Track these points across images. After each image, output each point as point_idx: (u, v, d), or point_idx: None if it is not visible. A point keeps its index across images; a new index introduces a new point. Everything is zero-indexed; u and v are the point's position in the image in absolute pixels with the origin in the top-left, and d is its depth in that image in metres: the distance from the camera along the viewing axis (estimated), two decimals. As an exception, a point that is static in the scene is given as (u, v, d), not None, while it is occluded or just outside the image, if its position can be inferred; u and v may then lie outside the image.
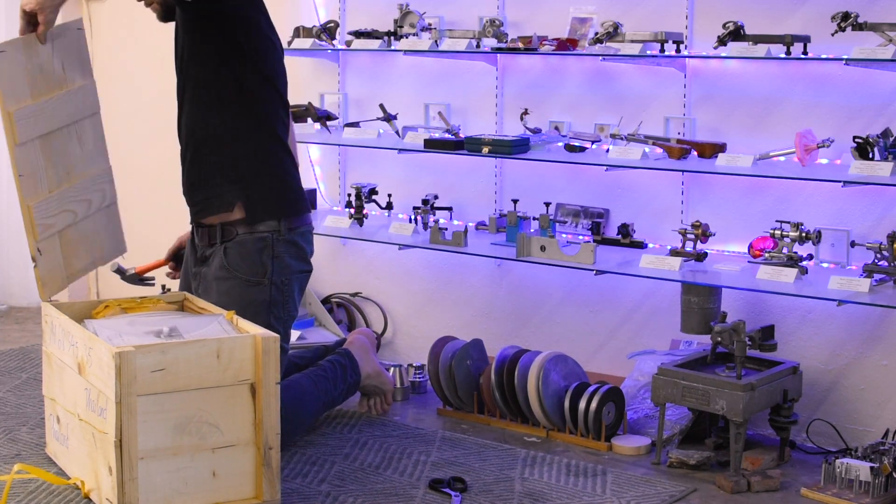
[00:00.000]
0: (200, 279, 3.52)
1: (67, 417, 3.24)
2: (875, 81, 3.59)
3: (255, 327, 3.14)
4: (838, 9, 3.48)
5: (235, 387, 3.01)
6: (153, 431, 2.92)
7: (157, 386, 2.91)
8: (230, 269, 3.44)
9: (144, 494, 2.92)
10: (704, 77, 3.93)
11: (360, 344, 3.95)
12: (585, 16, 4.06)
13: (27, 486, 3.22)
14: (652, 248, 4.00)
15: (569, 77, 4.23)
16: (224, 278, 3.44)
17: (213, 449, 3.00)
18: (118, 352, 2.85)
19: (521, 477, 3.41)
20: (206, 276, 3.49)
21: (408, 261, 4.60)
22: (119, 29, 5.60)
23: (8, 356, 4.64)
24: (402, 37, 4.36)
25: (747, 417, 3.40)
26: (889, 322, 3.62)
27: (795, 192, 3.76)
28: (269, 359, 3.02)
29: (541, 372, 3.74)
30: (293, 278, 3.49)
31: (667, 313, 4.01)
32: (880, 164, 3.39)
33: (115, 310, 3.37)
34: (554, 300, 4.31)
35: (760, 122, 3.82)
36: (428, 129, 4.40)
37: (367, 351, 3.95)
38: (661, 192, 4.04)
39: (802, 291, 3.50)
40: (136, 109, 5.59)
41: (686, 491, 3.33)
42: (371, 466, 3.47)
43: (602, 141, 4.03)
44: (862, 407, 3.69)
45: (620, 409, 3.75)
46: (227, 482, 3.03)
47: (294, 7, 4.89)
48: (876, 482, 3.20)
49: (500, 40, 4.13)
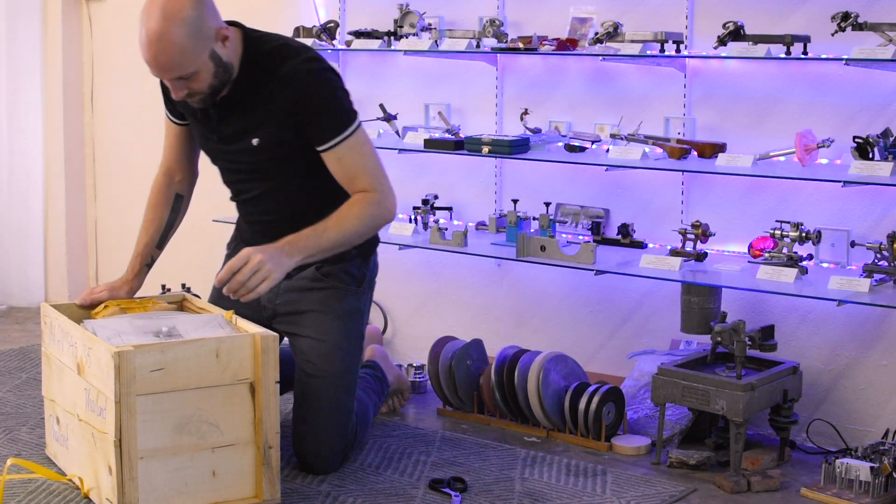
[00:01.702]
0: (278, 291, 3.39)
1: (67, 418, 3.24)
2: (875, 81, 3.59)
3: (254, 327, 3.14)
4: (838, 9, 3.48)
5: (235, 386, 3.01)
6: (153, 431, 2.92)
7: (156, 386, 2.91)
8: (327, 279, 3.39)
9: (144, 494, 2.92)
10: (704, 77, 3.93)
11: (380, 354, 4.02)
12: (585, 16, 4.06)
13: (27, 485, 3.22)
14: (652, 248, 4.00)
15: (569, 77, 4.23)
16: (320, 288, 3.38)
17: (212, 448, 3.00)
18: (117, 352, 2.85)
19: (521, 477, 3.41)
20: (291, 287, 3.39)
21: (408, 261, 4.60)
22: (119, 29, 5.60)
23: (8, 356, 4.64)
24: (402, 37, 4.36)
25: (747, 417, 3.39)
26: (889, 322, 3.62)
27: (795, 192, 3.76)
28: (269, 358, 3.02)
29: (541, 372, 3.74)
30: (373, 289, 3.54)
31: (667, 313, 4.01)
32: (880, 164, 3.39)
33: (115, 310, 3.37)
34: (554, 300, 4.31)
35: (760, 122, 3.82)
36: (428, 129, 4.39)
37: (386, 357, 4.02)
38: (661, 192, 4.04)
39: (802, 291, 3.50)
40: (137, 110, 5.59)
41: (686, 491, 3.33)
42: (371, 466, 3.47)
43: (602, 141, 4.03)
44: (862, 407, 3.69)
45: (620, 409, 3.74)
46: (227, 482, 3.03)
47: (294, 7, 4.89)
48: (876, 482, 3.20)
49: (500, 40, 4.13)
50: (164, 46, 3.00)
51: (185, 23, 3.00)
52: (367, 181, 3.20)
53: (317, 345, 3.36)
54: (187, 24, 3.01)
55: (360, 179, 3.20)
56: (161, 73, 3.10)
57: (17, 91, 5.61)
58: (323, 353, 3.36)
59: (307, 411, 3.36)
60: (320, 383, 3.35)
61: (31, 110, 5.64)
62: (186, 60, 3.05)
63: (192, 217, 5.41)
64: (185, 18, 3.01)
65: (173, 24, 2.99)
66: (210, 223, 4.77)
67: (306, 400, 3.37)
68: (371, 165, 3.22)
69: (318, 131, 3.19)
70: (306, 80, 3.17)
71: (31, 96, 5.63)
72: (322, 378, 3.35)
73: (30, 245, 5.72)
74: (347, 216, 3.18)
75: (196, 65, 3.07)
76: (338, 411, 3.37)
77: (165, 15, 2.99)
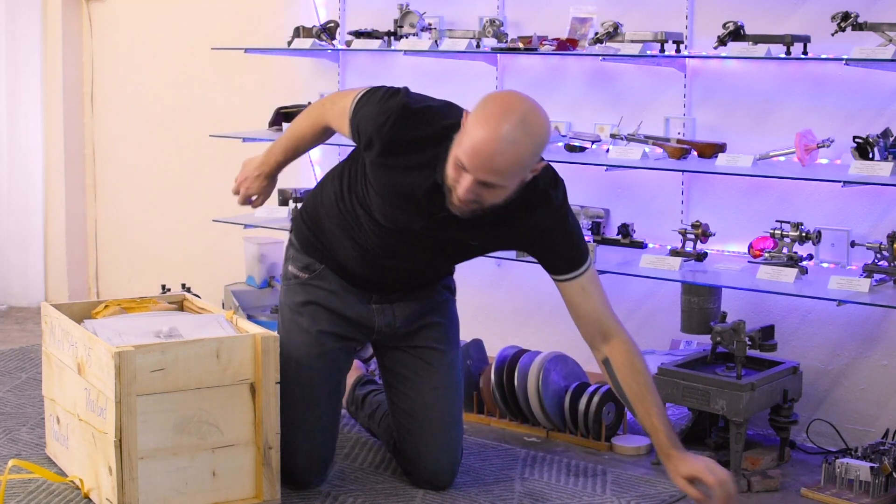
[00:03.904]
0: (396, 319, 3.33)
1: (67, 418, 3.24)
2: (875, 81, 3.59)
3: (255, 327, 3.14)
4: (838, 9, 3.48)
5: (235, 386, 3.01)
6: (153, 431, 2.92)
7: (156, 386, 2.91)
8: (451, 291, 3.42)
9: (144, 494, 2.92)
10: (704, 77, 3.93)
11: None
12: (585, 16, 4.06)
13: (27, 485, 3.22)
14: (652, 248, 4.00)
15: (569, 77, 4.23)
16: (450, 300, 3.39)
17: (213, 449, 3.00)
18: (118, 352, 2.85)
19: (521, 477, 3.41)
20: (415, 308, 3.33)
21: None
22: (119, 29, 5.60)
23: (8, 356, 4.64)
24: (402, 37, 4.36)
25: (747, 417, 3.40)
26: (889, 322, 3.62)
27: (795, 192, 3.76)
28: (269, 358, 3.02)
29: (541, 372, 3.74)
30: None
31: (667, 313, 4.01)
32: (880, 164, 3.39)
33: (115, 310, 3.37)
34: (554, 300, 4.28)
35: (760, 122, 3.82)
36: (428, 129, 4.39)
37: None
38: (661, 192, 4.04)
39: (802, 291, 3.50)
40: (137, 110, 5.59)
41: (686, 491, 3.33)
42: (371, 466, 3.47)
43: (602, 141, 4.03)
44: (862, 407, 3.69)
45: (620, 409, 3.74)
46: (227, 482, 3.03)
47: (294, 7, 4.89)
48: (876, 482, 3.20)
49: (500, 40, 4.13)
50: (509, 155, 2.74)
51: (536, 144, 2.80)
52: (616, 323, 3.10)
53: (440, 354, 3.32)
54: (537, 146, 2.81)
55: (608, 318, 3.09)
56: (481, 172, 2.77)
57: (17, 91, 5.61)
58: (450, 355, 3.33)
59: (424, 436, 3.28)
60: (449, 394, 3.30)
61: (31, 110, 5.64)
62: (512, 176, 2.80)
63: (192, 217, 5.44)
64: (539, 141, 2.81)
65: (530, 139, 2.76)
66: (210, 223, 4.77)
67: (426, 423, 3.28)
68: (608, 304, 3.13)
69: (559, 260, 3.08)
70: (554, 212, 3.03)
71: (31, 96, 5.63)
72: (451, 384, 3.31)
73: (30, 245, 5.72)
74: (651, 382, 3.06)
75: (511, 182, 2.83)
76: (456, 426, 3.33)
77: (526, 126, 2.75)
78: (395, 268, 3.19)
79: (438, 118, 2.94)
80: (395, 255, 3.14)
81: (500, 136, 2.72)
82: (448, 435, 3.29)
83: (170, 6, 5.42)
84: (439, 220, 2.98)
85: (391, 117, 2.92)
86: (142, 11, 5.55)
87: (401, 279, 3.24)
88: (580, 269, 3.06)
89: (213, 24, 5.22)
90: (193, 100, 5.34)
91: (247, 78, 5.12)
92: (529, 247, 3.10)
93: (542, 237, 3.04)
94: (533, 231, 3.02)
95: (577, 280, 3.07)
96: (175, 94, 5.43)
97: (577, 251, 3.06)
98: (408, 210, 3.00)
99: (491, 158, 2.74)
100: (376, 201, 3.05)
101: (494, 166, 2.75)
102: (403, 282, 3.25)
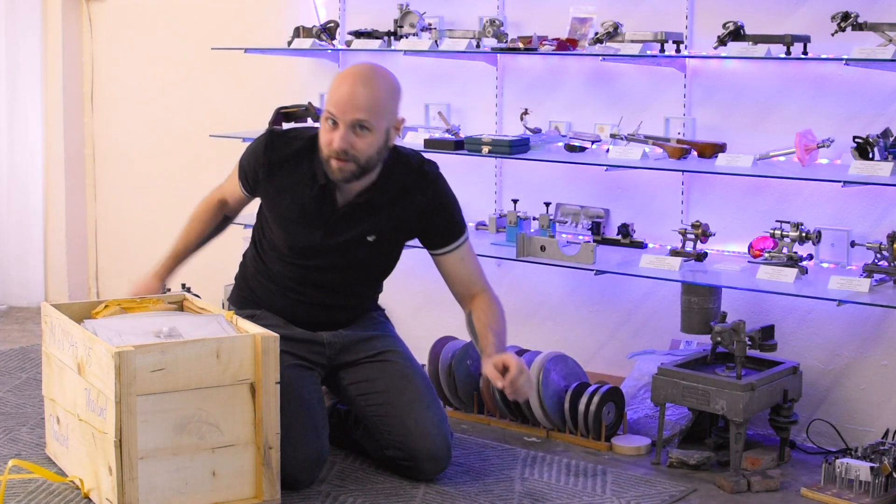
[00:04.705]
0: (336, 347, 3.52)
1: (67, 418, 3.24)
2: (875, 81, 3.59)
3: (255, 327, 3.14)
4: (838, 9, 3.48)
5: (235, 386, 3.01)
6: (153, 431, 2.92)
7: (156, 386, 2.91)
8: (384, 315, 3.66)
9: (144, 494, 2.92)
10: (704, 77, 3.93)
11: None
12: (585, 16, 4.06)
13: (27, 485, 3.22)
14: (652, 248, 4.00)
15: (569, 77, 4.23)
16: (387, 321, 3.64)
17: (212, 449, 3.00)
18: (118, 352, 2.85)
19: (521, 477, 3.41)
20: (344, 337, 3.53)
21: (408, 261, 4.58)
22: (119, 29, 5.60)
23: (8, 356, 4.64)
24: (402, 37, 4.36)
25: (747, 417, 3.40)
26: (889, 322, 3.62)
27: (795, 192, 3.76)
28: (269, 358, 3.02)
29: (541, 372, 3.74)
30: None
31: (667, 313, 4.01)
32: (880, 164, 3.39)
33: (115, 310, 3.37)
34: (554, 300, 4.31)
35: (760, 122, 3.82)
36: (428, 129, 4.39)
37: None
38: (661, 192, 4.04)
39: (802, 291, 3.50)
40: (137, 110, 5.59)
41: (686, 491, 3.33)
42: (371, 466, 3.47)
43: (602, 141, 4.03)
44: (862, 407, 3.69)
45: (620, 409, 3.74)
46: (227, 482, 3.03)
47: (294, 7, 4.89)
48: (876, 482, 3.20)
49: (500, 40, 4.13)
50: (367, 92, 3.21)
51: (390, 85, 3.29)
52: (483, 282, 3.48)
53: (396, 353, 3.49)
54: (392, 87, 3.30)
55: (480, 280, 3.47)
56: (349, 112, 3.21)
57: (17, 91, 5.61)
58: (405, 353, 3.51)
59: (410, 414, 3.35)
60: (418, 380, 3.42)
61: (31, 110, 5.64)
62: (375, 110, 3.22)
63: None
64: (392, 83, 3.31)
65: (382, 79, 3.27)
66: (210, 223, 4.76)
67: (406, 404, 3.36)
68: (480, 267, 3.51)
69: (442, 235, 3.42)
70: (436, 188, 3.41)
71: (31, 96, 5.63)
72: (416, 373, 3.44)
73: (30, 245, 5.72)
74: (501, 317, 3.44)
75: (377, 122, 3.23)
76: (436, 404, 3.42)
77: (375, 71, 3.29)
78: (321, 302, 3.44)
79: (304, 132, 3.44)
80: (313, 284, 3.42)
81: (355, 80, 3.22)
82: (431, 409, 3.36)
83: (170, 6, 5.42)
84: (335, 223, 3.34)
85: (262, 143, 3.42)
86: (142, 11, 5.55)
87: (332, 312, 3.47)
88: (460, 240, 3.44)
89: (213, 24, 5.22)
90: (193, 99, 5.34)
91: (247, 78, 5.11)
92: (416, 225, 3.41)
93: (425, 213, 3.39)
94: (416, 209, 3.38)
95: (457, 251, 3.44)
96: (175, 93, 5.43)
97: (458, 223, 3.44)
98: (303, 221, 3.36)
99: (352, 97, 3.19)
100: (279, 233, 3.41)
101: (357, 102, 3.19)
102: (335, 315, 3.47)
